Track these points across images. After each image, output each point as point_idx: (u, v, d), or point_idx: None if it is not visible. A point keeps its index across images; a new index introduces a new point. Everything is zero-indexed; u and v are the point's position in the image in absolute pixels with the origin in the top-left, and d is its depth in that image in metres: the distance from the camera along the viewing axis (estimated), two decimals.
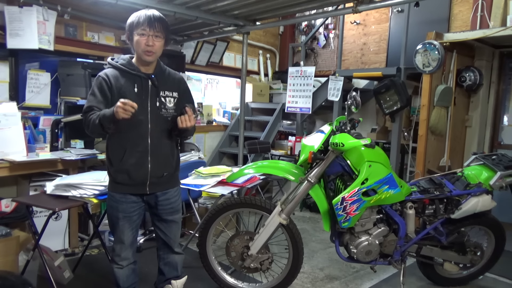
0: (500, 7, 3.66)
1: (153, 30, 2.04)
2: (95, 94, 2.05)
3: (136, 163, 2.11)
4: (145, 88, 2.11)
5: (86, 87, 3.43)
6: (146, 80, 2.11)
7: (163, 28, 2.08)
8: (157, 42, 2.07)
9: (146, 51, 2.05)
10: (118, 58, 2.16)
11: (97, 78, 2.08)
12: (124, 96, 2.00)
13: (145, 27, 2.03)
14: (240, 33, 3.92)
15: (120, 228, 2.19)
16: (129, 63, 2.12)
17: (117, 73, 2.10)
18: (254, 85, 5.62)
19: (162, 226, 2.32)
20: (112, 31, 4.11)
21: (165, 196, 2.25)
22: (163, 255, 2.40)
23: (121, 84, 2.07)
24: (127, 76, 2.10)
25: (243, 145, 4.13)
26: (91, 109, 2.04)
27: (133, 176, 2.12)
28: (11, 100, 3.28)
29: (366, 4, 3.01)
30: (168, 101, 2.17)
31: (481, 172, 2.69)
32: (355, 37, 5.38)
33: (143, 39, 2.04)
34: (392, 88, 3.94)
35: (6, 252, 2.54)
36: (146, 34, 2.04)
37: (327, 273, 3.16)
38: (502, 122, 4.45)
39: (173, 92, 2.20)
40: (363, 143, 2.35)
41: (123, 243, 2.22)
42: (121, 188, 2.15)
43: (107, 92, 2.06)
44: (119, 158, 2.10)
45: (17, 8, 3.15)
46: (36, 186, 3.16)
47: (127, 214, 2.18)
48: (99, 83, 2.06)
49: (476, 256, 2.80)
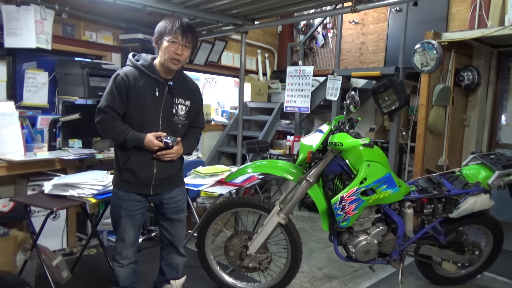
0: (498, 7, 3.66)
1: (185, 39, 2.06)
2: (113, 94, 2.06)
3: (142, 165, 2.13)
4: (161, 93, 2.14)
5: (84, 87, 3.41)
6: (164, 85, 2.14)
7: (193, 39, 2.11)
8: (185, 52, 2.10)
9: (173, 59, 2.07)
10: (140, 58, 2.17)
11: (116, 77, 2.08)
12: (141, 98, 2.07)
13: (177, 35, 2.04)
14: (238, 32, 3.91)
15: (122, 226, 2.19)
16: (151, 66, 2.12)
17: (137, 73, 2.10)
18: (252, 84, 5.62)
19: (167, 225, 2.33)
20: (110, 30, 4.10)
21: (170, 194, 2.27)
22: (166, 255, 2.41)
23: (140, 86, 2.09)
24: (146, 78, 2.11)
25: (241, 144, 4.13)
26: (108, 108, 2.06)
27: (138, 176, 2.14)
28: (9, 100, 3.26)
29: (365, 4, 3.01)
30: (180, 109, 2.20)
31: (479, 172, 2.69)
32: (354, 37, 5.38)
33: (173, 47, 2.05)
34: (391, 87, 3.95)
35: (4, 252, 2.54)
36: (177, 43, 2.05)
37: (325, 272, 3.17)
38: (500, 122, 4.46)
39: (186, 101, 2.23)
40: (361, 143, 2.35)
41: (124, 242, 2.22)
42: (126, 186, 2.17)
43: (124, 92, 2.07)
44: (127, 157, 2.13)
45: (15, 7, 3.14)
46: (34, 186, 3.15)
47: (130, 213, 2.19)
48: (118, 83, 2.07)
49: (474, 255, 2.81)
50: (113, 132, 2.06)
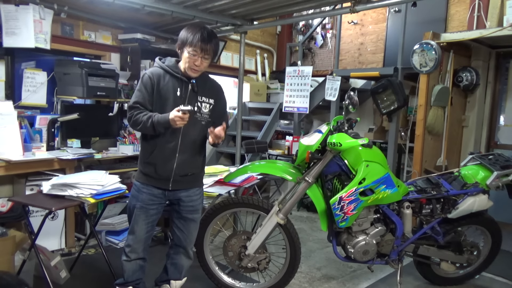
0: (497, 7, 3.67)
1: (204, 52, 2.12)
2: (142, 90, 2.17)
3: (163, 159, 2.20)
4: (185, 91, 2.20)
5: (83, 86, 3.41)
6: (187, 84, 2.21)
7: (214, 50, 2.17)
8: (204, 62, 2.16)
9: (192, 69, 2.16)
10: (165, 60, 2.26)
11: (144, 76, 2.20)
12: (165, 96, 2.17)
13: (197, 48, 2.09)
14: (237, 32, 3.91)
15: (135, 218, 2.24)
16: (175, 66, 2.21)
17: (162, 72, 2.20)
18: (251, 84, 5.61)
19: (180, 224, 2.36)
20: (109, 30, 4.10)
21: (187, 193, 2.31)
22: (173, 255, 2.43)
23: (164, 84, 2.17)
24: (171, 77, 2.19)
25: (240, 144, 4.13)
26: (138, 104, 2.15)
27: (159, 170, 2.21)
28: (7, 99, 3.26)
29: (364, 4, 3.02)
30: (203, 107, 2.26)
31: (477, 172, 2.70)
32: (353, 37, 5.39)
33: (192, 59, 2.12)
34: (389, 88, 3.95)
35: (2, 252, 2.53)
36: (196, 56, 2.11)
37: (324, 272, 3.17)
38: (498, 122, 4.47)
39: (210, 99, 2.29)
40: (360, 143, 2.36)
41: (134, 234, 2.26)
42: (146, 178, 2.24)
43: (150, 88, 2.16)
44: (150, 151, 2.21)
45: (13, 7, 3.13)
46: (32, 186, 3.14)
47: (145, 205, 2.23)
48: (145, 80, 2.17)
49: (473, 255, 2.81)
50: (142, 121, 2.11)
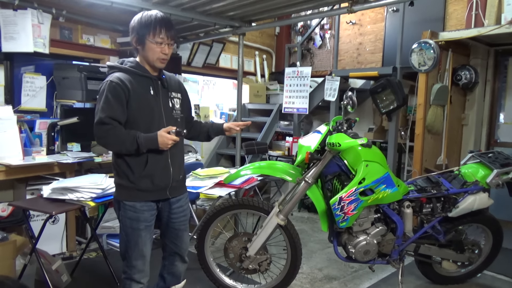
0: (495, 6, 3.67)
1: (170, 38, 1.99)
2: (110, 102, 1.89)
3: (161, 167, 2.03)
4: (157, 90, 2.05)
5: (82, 90, 3.42)
6: (157, 82, 2.06)
7: (174, 33, 2.04)
8: (170, 49, 2.03)
9: (161, 59, 2.01)
10: (124, 62, 2.05)
11: (110, 84, 1.91)
12: (140, 100, 1.97)
13: (163, 35, 1.96)
14: (236, 34, 3.92)
15: (142, 240, 2.03)
16: (139, 66, 2.02)
17: (128, 76, 1.98)
18: (250, 86, 5.62)
19: (172, 237, 2.22)
20: (108, 34, 4.10)
21: (179, 203, 2.18)
22: (169, 265, 2.31)
23: (136, 87, 1.97)
24: (139, 79, 2.00)
25: (240, 146, 4.13)
26: (110, 119, 1.88)
27: (157, 180, 2.03)
28: (7, 104, 3.27)
29: (361, 4, 3.02)
30: (176, 102, 2.13)
31: (477, 170, 2.70)
32: (351, 37, 5.39)
33: (160, 48, 1.97)
34: (388, 87, 3.95)
35: (3, 257, 2.54)
36: (164, 43, 1.97)
37: (325, 273, 3.16)
38: (498, 120, 4.47)
39: (178, 93, 2.17)
40: (359, 143, 2.35)
41: (144, 257, 2.06)
42: (143, 195, 2.02)
43: (123, 98, 1.91)
44: (143, 163, 1.98)
45: (12, 11, 3.14)
46: (32, 190, 3.15)
47: (149, 223, 2.05)
48: (112, 89, 1.90)
49: (474, 254, 2.80)
50: (123, 142, 1.89)
